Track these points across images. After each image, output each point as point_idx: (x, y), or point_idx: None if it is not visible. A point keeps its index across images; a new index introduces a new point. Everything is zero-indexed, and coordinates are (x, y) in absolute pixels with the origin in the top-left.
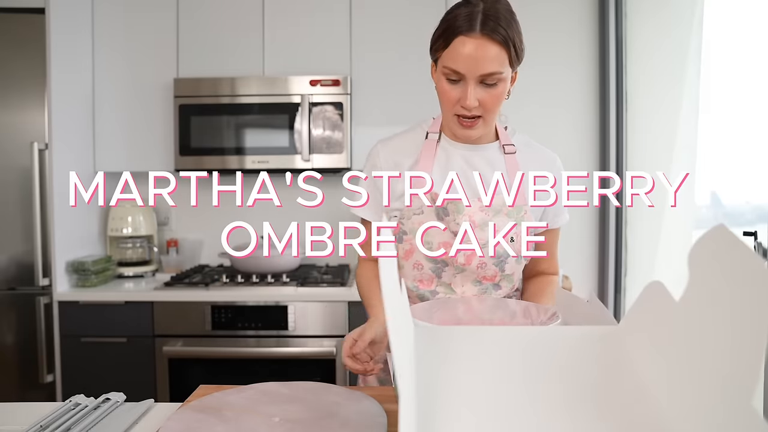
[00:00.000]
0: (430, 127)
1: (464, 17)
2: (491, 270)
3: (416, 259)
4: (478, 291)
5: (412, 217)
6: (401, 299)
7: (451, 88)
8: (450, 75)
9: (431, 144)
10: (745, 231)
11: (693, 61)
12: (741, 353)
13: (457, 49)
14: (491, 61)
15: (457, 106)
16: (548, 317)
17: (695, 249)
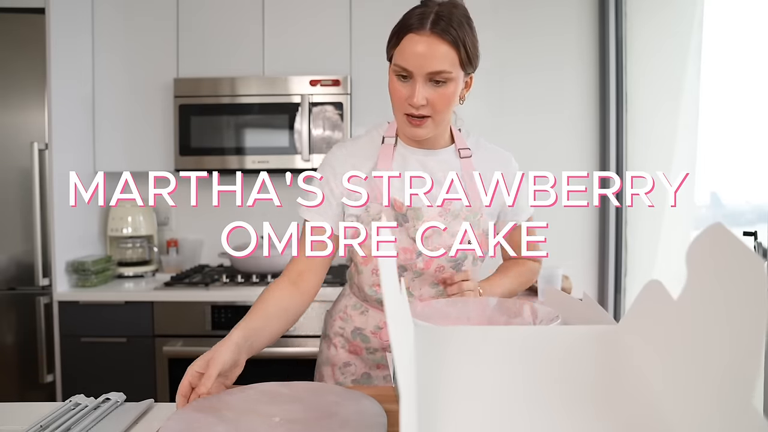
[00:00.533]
0: (386, 132)
1: (417, 16)
2: (448, 273)
3: (375, 265)
4: (435, 293)
5: (371, 223)
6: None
7: (401, 86)
8: (400, 72)
9: (388, 148)
10: (745, 231)
11: (693, 61)
12: (739, 351)
13: (406, 47)
14: (440, 60)
15: (406, 105)
16: (550, 319)
17: (693, 248)
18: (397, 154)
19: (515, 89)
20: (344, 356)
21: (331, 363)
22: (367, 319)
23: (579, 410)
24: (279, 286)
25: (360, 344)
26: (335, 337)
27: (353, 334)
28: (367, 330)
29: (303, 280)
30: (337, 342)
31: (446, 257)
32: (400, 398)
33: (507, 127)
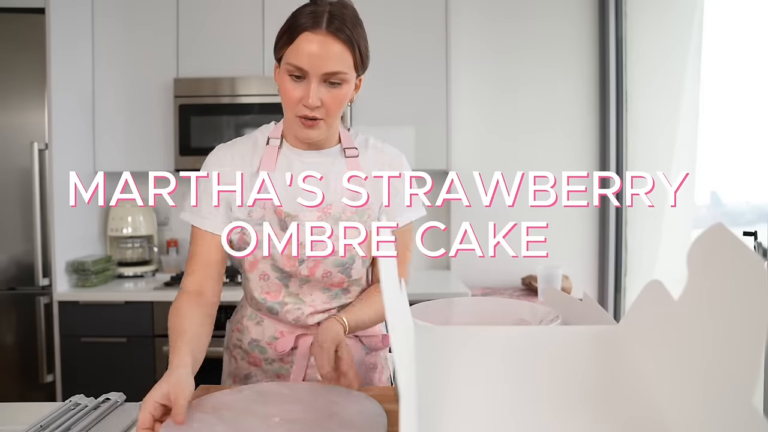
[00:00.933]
0: (270, 132)
1: (309, 15)
2: (337, 277)
3: (262, 270)
4: (327, 298)
5: (255, 227)
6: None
7: (294, 87)
8: (293, 72)
9: (272, 150)
10: (745, 231)
11: (693, 61)
12: (740, 351)
13: (301, 46)
14: (335, 60)
15: (299, 106)
16: (550, 319)
17: (693, 248)
18: (281, 156)
19: (516, 90)
20: (245, 368)
21: (233, 375)
22: (263, 329)
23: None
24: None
25: (258, 356)
26: (234, 349)
27: (251, 345)
28: (263, 341)
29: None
30: (236, 354)
31: (333, 261)
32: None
33: (508, 127)
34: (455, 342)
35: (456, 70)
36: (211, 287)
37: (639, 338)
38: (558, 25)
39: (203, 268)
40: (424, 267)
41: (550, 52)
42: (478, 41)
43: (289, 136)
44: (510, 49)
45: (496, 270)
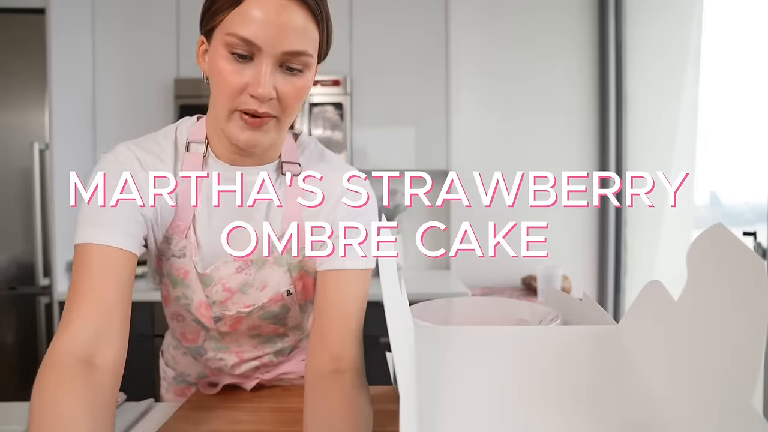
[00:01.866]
0: (191, 134)
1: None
2: (269, 328)
3: (175, 310)
4: (257, 343)
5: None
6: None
7: (236, 70)
8: (237, 48)
9: (196, 160)
10: (744, 231)
11: (693, 61)
12: (740, 351)
13: (249, 11)
14: (299, 34)
15: (244, 96)
16: (550, 319)
17: (693, 248)
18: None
19: (516, 90)
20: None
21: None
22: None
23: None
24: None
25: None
26: (162, 380)
27: (177, 380)
28: (192, 377)
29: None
30: (163, 384)
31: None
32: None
33: (508, 127)
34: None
35: (456, 70)
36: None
37: (639, 338)
38: (558, 27)
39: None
40: (424, 267)
41: (550, 54)
42: (478, 42)
43: (216, 142)
44: (510, 50)
45: (496, 270)
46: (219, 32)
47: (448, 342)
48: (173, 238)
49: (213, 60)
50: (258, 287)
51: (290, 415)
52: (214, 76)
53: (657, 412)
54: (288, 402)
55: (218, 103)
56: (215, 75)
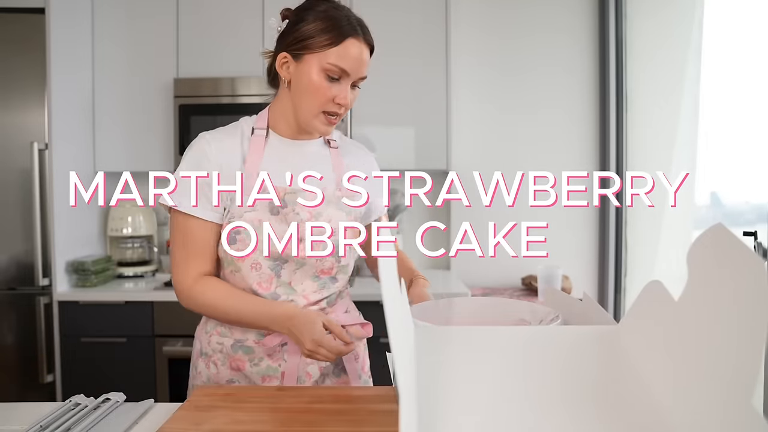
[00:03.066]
0: (255, 123)
1: (347, 21)
2: (328, 262)
3: (254, 259)
4: (317, 287)
5: (244, 215)
6: (401, 299)
7: (330, 86)
8: (333, 73)
9: (259, 140)
10: (745, 231)
11: (693, 61)
12: (740, 351)
13: (348, 50)
14: (366, 65)
15: (330, 103)
16: (550, 319)
17: (694, 248)
18: (268, 146)
19: (516, 89)
20: (226, 374)
21: (214, 382)
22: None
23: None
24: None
25: (242, 357)
26: (214, 354)
27: (234, 348)
28: (250, 340)
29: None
30: (217, 359)
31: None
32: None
33: (508, 127)
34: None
35: (456, 71)
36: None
37: (639, 338)
38: (558, 26)
39: (203, 257)
40: (424, 267)
41: (550, 53)
42: (479, 42)
43: (281, 125)
44: (510, 50)
45: (496, 270)
46: (315, 58)
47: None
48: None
49: (305, 74)
50: (326, 218)
51: (290, 415)
52: (303, 86)
53: (657, 412)
54: (288, 402)
55: (305, 106)
56: (312, 86)
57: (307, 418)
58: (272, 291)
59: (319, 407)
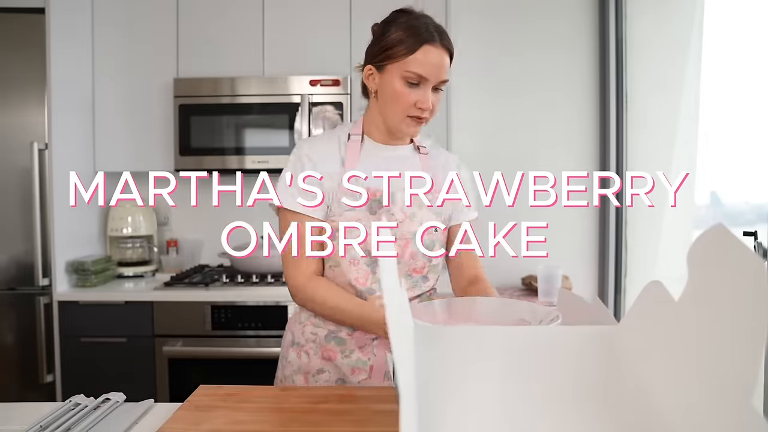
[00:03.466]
0: (351, 129)
1: (424, 28)
2: (420, 261)
3: (352, 256)
4: (409, 285)
5: (344, 213)
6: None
7: (410, 91)
8: (412, 79)
9: (355, 145)
10: (745, 231)
11: (693, 60)
12: (740, 351)
13: (425, 57)
14: (445, 69)
15: (413, 108)
16: (550, 319)
17: (694, 248)
18: (363, 151)
19: (515, 89)
20: (317, 363)
21: (304, 371)
22: None
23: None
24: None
25: (334, 348)
26: (307, 344)
27: (327, 338)
28: (343, 332)
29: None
30: (309, 349)
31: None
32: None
33: (507, 127)
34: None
35: (456, 70)
36: (320, 269)
37: (639, 338)
38: (558, 25)
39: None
40: None
41: (550, 53)
42: (478, 41)
43: (374, 131)
44: (510, 50)
45: (496, 270)
46: (395, 67)
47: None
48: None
49: (388, 84)
50: (419, 220)
51: (290, 415)
52: (387, 94)
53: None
54: (288, 402)
55: (390, 112)
56: (394, 93)
57: (310, 418)
58: (368, 286)
59: (322, 407)
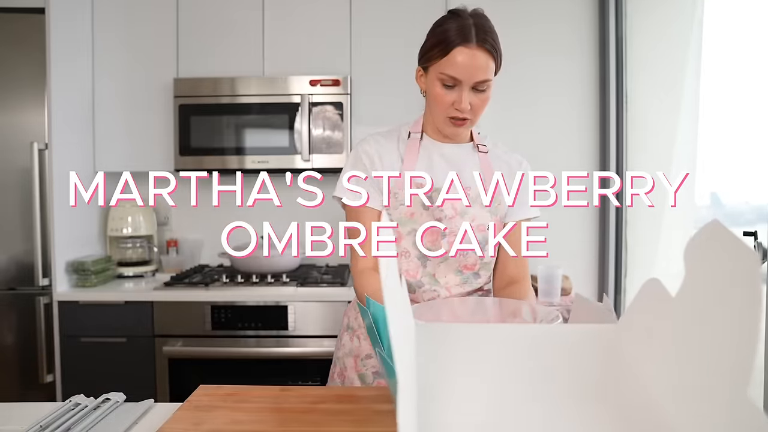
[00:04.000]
0: (411, 128)
1: (458, 30)
2: (472, 258)
3: (404, 248)
4: (460, 281)
5: (399, 207)
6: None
7: (446, 93)
8: (446, 81)
9: (414, 143)
10: (745, 231)
11: (693, 60)
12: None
13: (455, 59)
14: (483, 70)
15: (451, 109)
16: (550, 319)
17: (690, 245)
18: (422, 148)
19: (515, 89)
20: (367, 348)
21: (354, 354)
22: None
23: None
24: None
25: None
26: (359, 329)
27: None
28: None
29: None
30: (360, 333)
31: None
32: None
33: (507, 127)
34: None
35: None
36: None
37: (637, 335)
38: (558, 26)
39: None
40: None
41: (550, 53)
42: None
43: (430, 130)
44: (509, 50)
45: None
46: (433, 70)
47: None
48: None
49: (430, 86)
50: (471, 216)
51: (290, 415)
52: (431, 95)
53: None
54: (288, 402)
55: (435, 111)
56: (433, 95)
57: (310, 418)
58: (418, 279)
59: (321, 407)
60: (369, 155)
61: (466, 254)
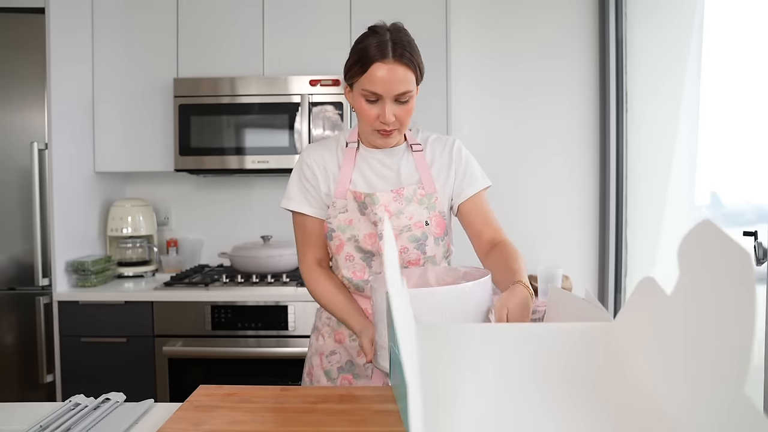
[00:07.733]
0: (348, 137)
1: (376, 46)
2: (414, 254)
3: (347, 252)
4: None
5: (338, 216)
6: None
7: (371, 107)
8: (369, 96)
9: (351, 152)
10: (745, 231)
11: (693, 61)
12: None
13: (374, 74)
14: (403, 82)
15: (377, 122)
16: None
17: (683, 244)
18: (359, 156)
19: (515, 90)
20: (330, 345)
21: (320, 352)
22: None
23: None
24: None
25: (344, 332)
26: (323, 328)
27: (338, 323)
28: None
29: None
30: (324, 332)
31: (408, 237)
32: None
33: (507, 127)
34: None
35: (456, 71)
36: (325, 257)
37: (633, 333)
38: (558, 27)
39: (316, 245)
40: None
41: (550, 55)
42: (478, 45)
43: (364, 139)
44: (510, 51)
45: None
46: (357, 86)
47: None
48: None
49: (356, 101)
50: (407, 216)
51: (290, 415)
52: (357, 110)
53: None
54: (288, 402)
55: (363, 125)
56: (359, 110)
57: (310, 418)
58: (365, 278)
59: (322, 407)
60: (310, 166)
61: (407, 251)
